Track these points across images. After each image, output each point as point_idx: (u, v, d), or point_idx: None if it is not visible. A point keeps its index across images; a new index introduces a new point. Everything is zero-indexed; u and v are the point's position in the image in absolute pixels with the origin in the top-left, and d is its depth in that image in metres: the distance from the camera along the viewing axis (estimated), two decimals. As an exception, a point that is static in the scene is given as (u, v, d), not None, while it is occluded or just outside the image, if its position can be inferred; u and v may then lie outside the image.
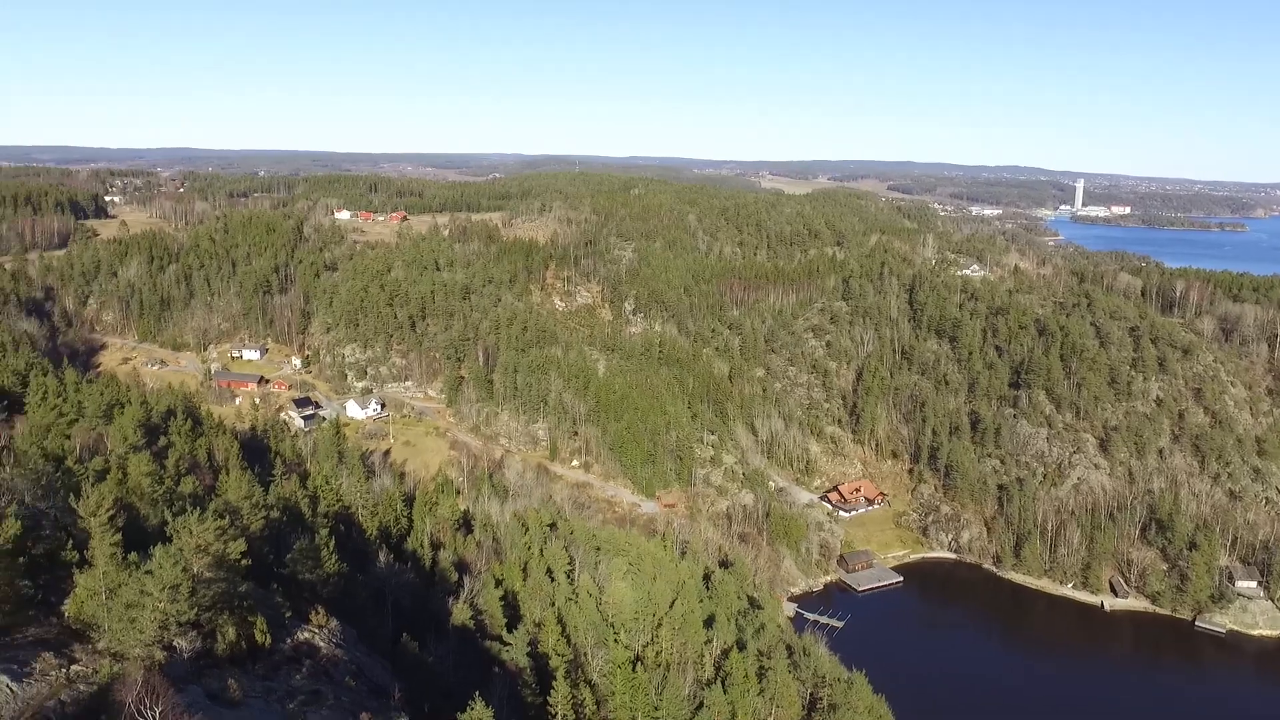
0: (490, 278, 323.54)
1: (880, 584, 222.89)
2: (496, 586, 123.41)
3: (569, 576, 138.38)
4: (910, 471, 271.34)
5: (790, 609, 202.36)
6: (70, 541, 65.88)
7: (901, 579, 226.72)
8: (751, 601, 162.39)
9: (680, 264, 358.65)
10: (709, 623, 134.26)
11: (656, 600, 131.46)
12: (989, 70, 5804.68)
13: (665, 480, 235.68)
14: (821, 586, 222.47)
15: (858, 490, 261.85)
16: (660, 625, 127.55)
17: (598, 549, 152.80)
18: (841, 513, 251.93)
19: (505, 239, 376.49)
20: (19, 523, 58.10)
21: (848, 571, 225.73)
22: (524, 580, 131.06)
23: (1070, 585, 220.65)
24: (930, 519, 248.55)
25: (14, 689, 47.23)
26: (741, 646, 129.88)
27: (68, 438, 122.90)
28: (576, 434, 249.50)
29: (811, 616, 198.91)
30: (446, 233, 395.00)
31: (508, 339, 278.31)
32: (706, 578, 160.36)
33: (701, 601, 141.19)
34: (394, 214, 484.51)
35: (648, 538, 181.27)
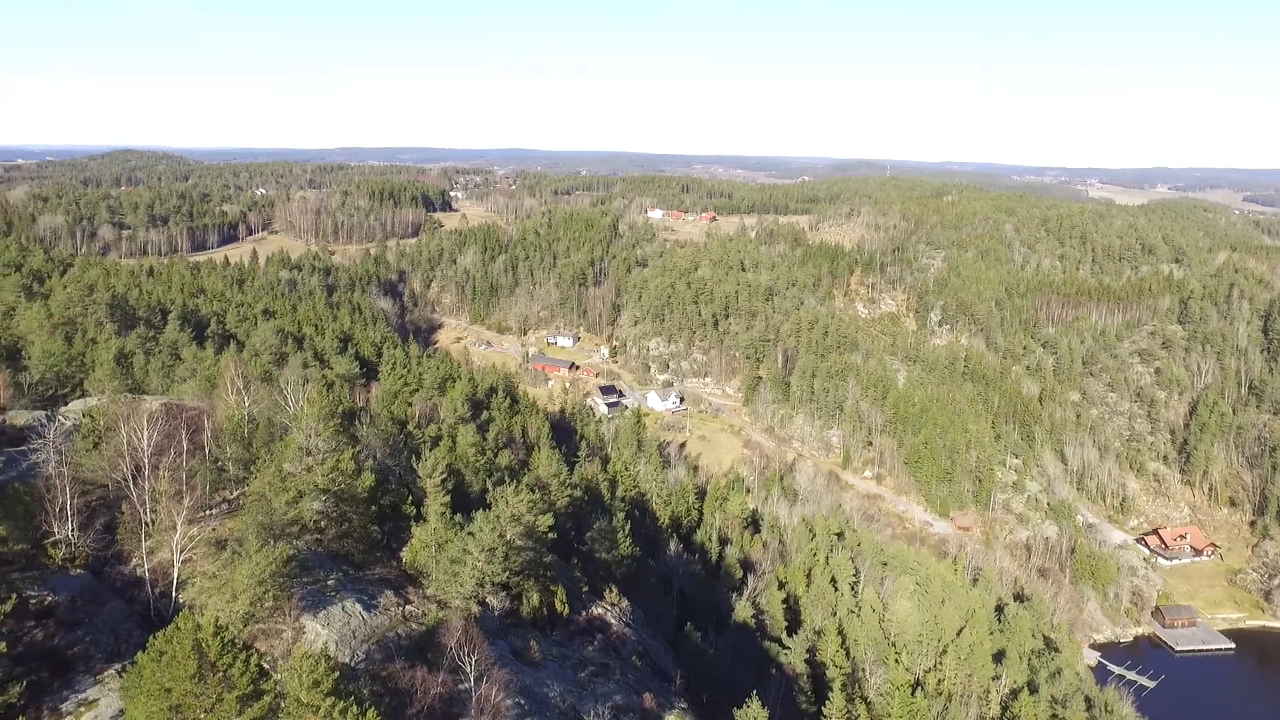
0: (794, 280, 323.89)
1: (1205, 647, 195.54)
2: (779, 589, 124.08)
3: (853, 588, 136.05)
4: (1252, 525, 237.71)
5: (1092, 657, 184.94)
6: (410, 497, 74.77)
7: (1234, 646, 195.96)
8: (1047, 642, 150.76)
9: (993, 275, 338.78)
10: (998, 658, 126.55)
11: (943, 625, 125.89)
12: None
13: (961, 501, 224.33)
14: (1130, 639, 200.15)
15: (1182, 537, 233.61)
16: (945, 652, 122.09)
17: (884, 564, 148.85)
18: (1161, 560, 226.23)
19: (811, 242, 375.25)
20: (373, 476, 66.70)
21: (1164, 626, 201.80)
22: (807, 586, 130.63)
23: None
24: (1276, 583, 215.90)
25: (365, 617, 54.64)
26: (1033, 689, 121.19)
27: (410, 405, 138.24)
28: (871, 444, 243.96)
29: (1118, 670, 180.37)
30: (753, 234, 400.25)
31: (808, 342, 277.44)
32: (999, 609, 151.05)
33: (992, 634, 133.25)
34: (704, 214, 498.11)
35: (938, 559, 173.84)
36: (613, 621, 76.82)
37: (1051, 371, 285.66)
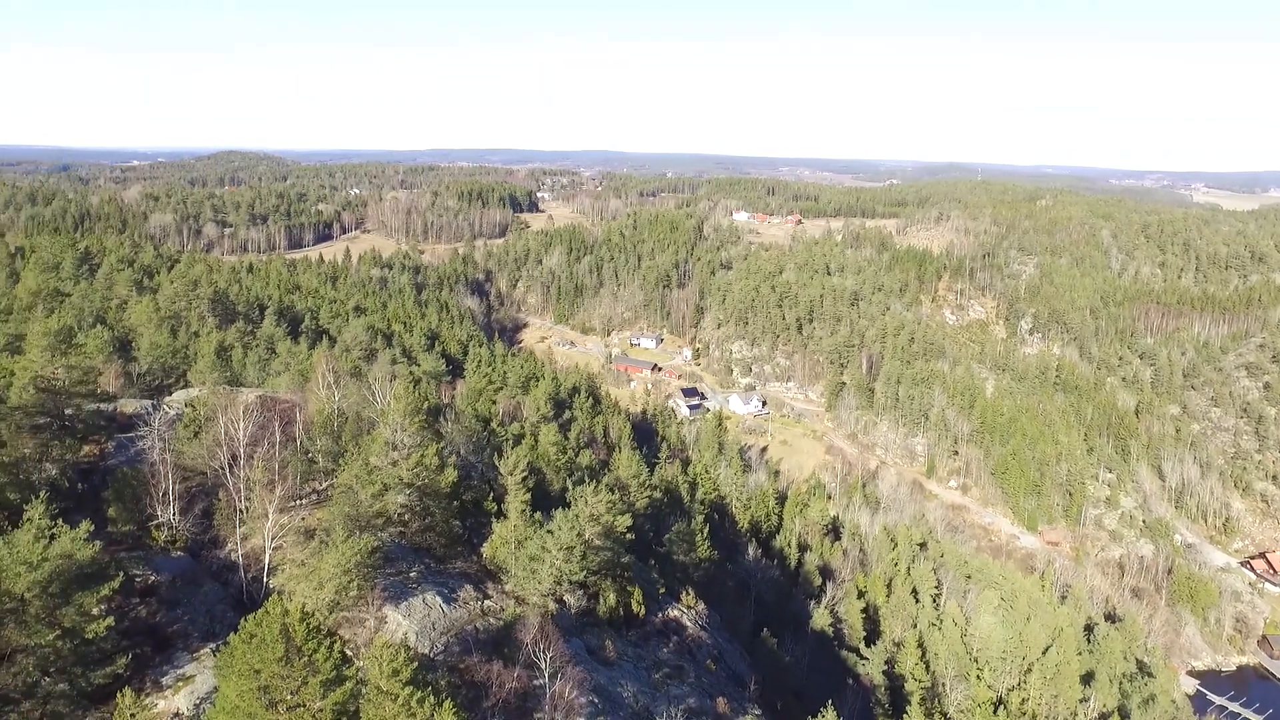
0: (880, 285, 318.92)
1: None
2: (859, 597, 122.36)
3: (935, 600, 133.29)
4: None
5: (1190, 685, 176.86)
6: (491, 493, 76.10)
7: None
8: (1141, 666, 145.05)
9: (1088, 283, 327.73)
10: (1087, 679, 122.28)
11: (1028, 643, 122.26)
12: None
13: (1050, 515, 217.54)
14: (1233, 668, 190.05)
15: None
16: (1030, 671, 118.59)
17: (968, 577, 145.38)
18: (1269, 586, 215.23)
19: (898, 247, 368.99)
20: (456, 472, 68.09)
21: (1271, 657, 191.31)
22: (887, 596, 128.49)
23: None
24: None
25: (445, 609, 55.87)
26: (1124, 714, 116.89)
27: (494, 403, 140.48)
28: (957, 454, 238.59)
29: (1219, 700, 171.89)
30: (839, 238, 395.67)
31: (893, 349, 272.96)
32: (1088, 629, 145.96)
33: (1080, 654, 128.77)
34: (789, 217, 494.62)
35: (1024, 574, 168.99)
36: (689, 624, 76.87)
37: (1149, 384, 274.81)
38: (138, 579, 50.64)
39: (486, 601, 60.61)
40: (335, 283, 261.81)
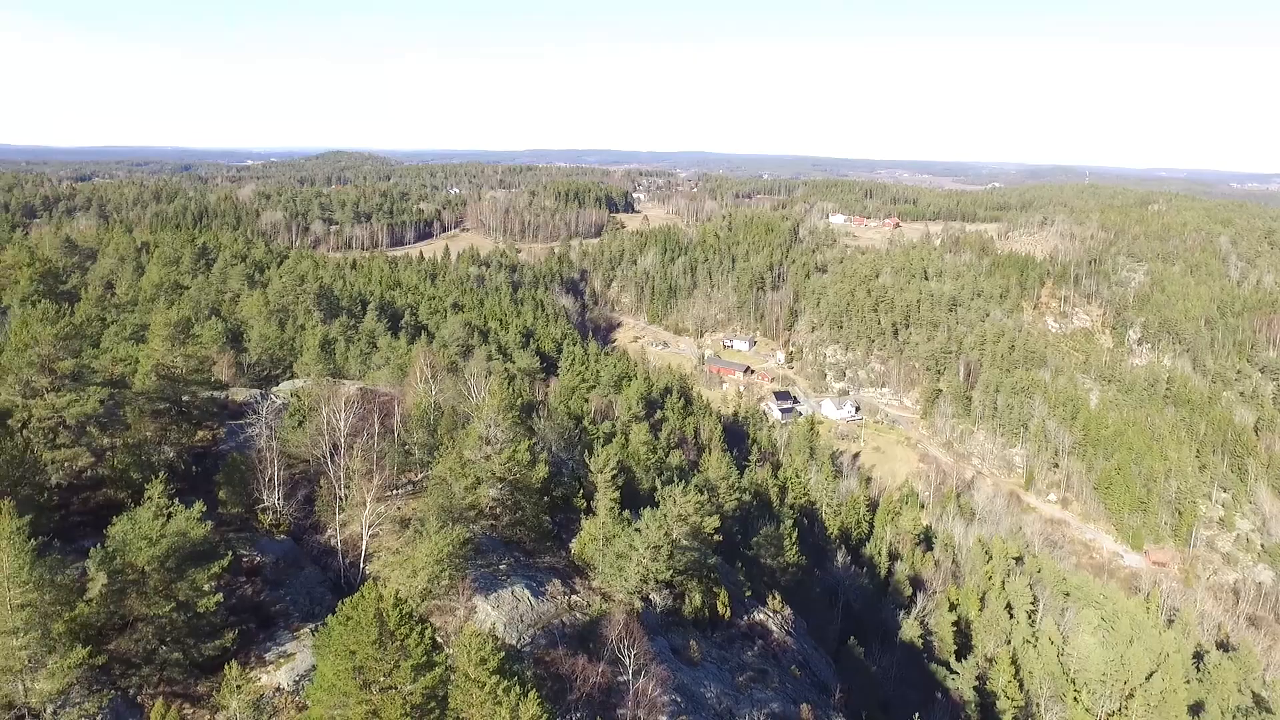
0: (980, 291, 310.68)
1: None
2: (950, 610, 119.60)
3: (1030, 617, 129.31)
4: None
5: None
6: (581, 490, 77.08)
7: None
8: (1258, 700, 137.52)
9: (1203, 291, 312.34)
10: (1195, 710, 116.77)
11: (1130, 667, 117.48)
12: None
13: (1156, 534, 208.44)
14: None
15: None
16: (1132, 696, 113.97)
17: (1066, 594, 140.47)
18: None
19: (999, 252, 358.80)
20: (547, 468, 69.22)
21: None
22: (980, 610, 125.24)
23: None
24: None
25: (532, 602, 56.92)
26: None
27: (586, 401, 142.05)
28: (1057, 466, 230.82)
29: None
30: (938, 242, 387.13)
31: (992, 356, 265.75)
32: (1198, 657, 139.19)
33: (1188, 683, 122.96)
34: (887, 220, 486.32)
35: (1127, 594, 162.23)
36: (774, 629, 76.41)
37: (1270, 400, 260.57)
38: (245, 559, 53.17)
39: (573, 596, 61.45)
40: (434, 280, 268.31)
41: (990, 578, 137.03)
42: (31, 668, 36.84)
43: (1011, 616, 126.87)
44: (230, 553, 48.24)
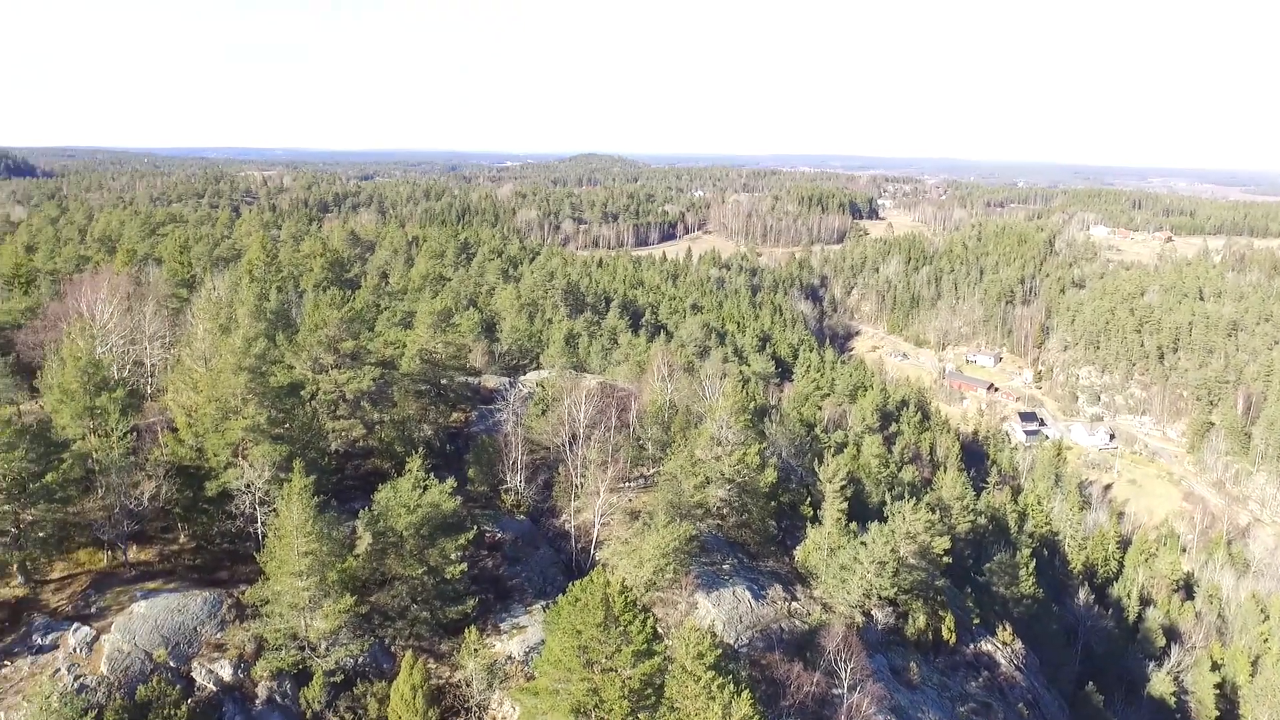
0: (1268, 315, 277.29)
1: None
2: (1212, 670, 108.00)
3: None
4: None
5: None
6: (809, 498, 76.73)
7: None
8: None
9: None
10: None
11: None
12: None
13: None
14: None
15: None
16: None
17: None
18: None
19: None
20: (776, 473, 69.49)
21: None
22: (1251, 675, 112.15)
23: None
24: None
25: (752, 604, 57.51)
26: None
27: (819, 408, 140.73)
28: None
29: None
30: (1218, 258, 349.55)
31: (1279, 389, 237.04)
32: None
33: None
34: (1157, 233, 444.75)
35: None
36: (1002, 661, 72.62)
37: None
38: (488, 534, 57.50)
39: (793, 603, 61.37)
40: (675, 280, 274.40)
41: (1267, 640, 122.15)
42: (310, 608, 42.38)
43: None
44: (476, 527, 52.56)
